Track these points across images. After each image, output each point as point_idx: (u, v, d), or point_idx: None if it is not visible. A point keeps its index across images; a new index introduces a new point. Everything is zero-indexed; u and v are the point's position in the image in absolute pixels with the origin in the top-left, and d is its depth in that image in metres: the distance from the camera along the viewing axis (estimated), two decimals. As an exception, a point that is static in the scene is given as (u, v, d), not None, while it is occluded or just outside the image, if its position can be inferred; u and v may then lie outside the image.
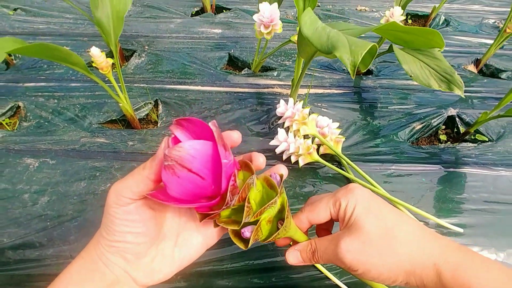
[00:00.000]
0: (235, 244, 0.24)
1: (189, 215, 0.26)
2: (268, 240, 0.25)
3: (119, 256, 0.23)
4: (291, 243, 0.30)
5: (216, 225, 0.24)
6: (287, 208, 0.25)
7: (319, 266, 0.40)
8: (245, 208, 0.21)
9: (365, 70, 0.69)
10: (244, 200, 0.22)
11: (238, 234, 0.24)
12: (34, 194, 0.46)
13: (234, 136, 0.23)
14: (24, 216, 0.44)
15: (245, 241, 0.24)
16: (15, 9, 0.82)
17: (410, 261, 0.23)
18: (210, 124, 0.20)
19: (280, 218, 0.25)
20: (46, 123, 0.56)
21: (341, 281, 0.39)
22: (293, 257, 0.28)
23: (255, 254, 0.41)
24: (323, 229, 0.31)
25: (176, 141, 0.21)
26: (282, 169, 0.26)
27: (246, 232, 0.23)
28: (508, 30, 0.63)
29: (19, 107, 0.59)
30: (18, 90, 0.62)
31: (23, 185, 0.47)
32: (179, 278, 0.40)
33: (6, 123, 0.57)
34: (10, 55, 0.68)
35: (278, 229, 0.25)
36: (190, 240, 0.26)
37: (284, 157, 0.48)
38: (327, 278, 0.40)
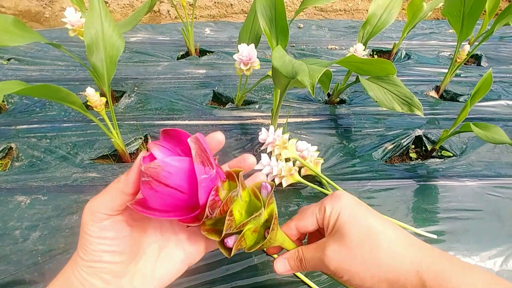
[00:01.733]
0: (221, 251, 0.24)
1: (171, 231, 0.26)
2: (253, 249, 0.25)
3: (97, 277, 0.22)
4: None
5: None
6: (274, 219, 0.24)
7: (308, 281, 0.42)
8: (226, 221, 0.21)
9: (339, 100, 0.76)
10: (226, 212, 0.22)
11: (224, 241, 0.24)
12: (25, 230, 0.47)
13: (218, 137, 0.23)
14: (15, 253, 0.45)
15: (230, 249, 0.24)
16: (8, 59, 0.87)
17: (393, 270, 0.23)
18: (189, 140, 0.20)
19: (267, 227, 0.25)
20: (38, 161, 0.58)
21: (329, 294, 0.41)
22: (281, 265, 0.29)
23: (245, 274, 0.43)
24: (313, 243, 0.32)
25: (153, 158, 0.20)
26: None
27: (229, 241, 0.23)
28: (458, 60, 0.72)
29: (11, 148, 0.61)
30: (11, 132, 0.64)
31: (14, 222, 0.48)
32: (172, 304, 0.40)
33: (-2, 164, 0.59)
34: (3, 100, 0.72)
35: (265, 238, 0.25)
36: (172, 257, 0.25)
37: (269, 179, 0.51)
38: (316, 292, 0.41)
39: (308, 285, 0.42)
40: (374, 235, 0.24)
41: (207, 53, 0.95)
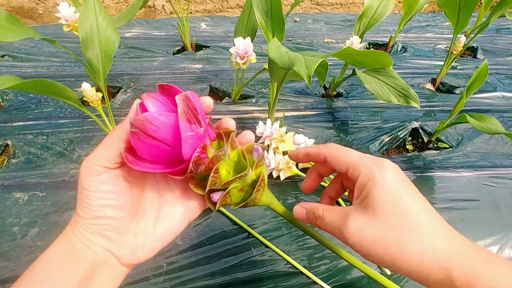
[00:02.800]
0: (208, 204, 0.24)
1: (167, 189, 0.26)
2: (239, 206, 0.25)
3: (99, 235, 0.22)
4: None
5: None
6: (260, 180, 0.25)
7: (307, 272, 0.42)
8: (210, 178, 0.22)
9: (336, 93, 0.76)
10: (211, 169, 0.22)
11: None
12: (24, 226, 0.47)
13: (207, 101, 0.24)
14: (14, 249, 0.45)
15: (216, 203, 0.24)
16: (2, 56, 0.86)
17: (419, 262, 0.21)
18: (177, 97, 0.20)
19: (254, 187, 0.25)
20: (35, 158, 0.58)
21: (328, 284, 0.41)
22: (299, 213, 0.27)
23: (244, 266, 0.43)
24: (329, 196, 0.30)
25: (145, 110, 0.21)
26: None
27: (215, 196, 0.24)
28: (454, 52, 0.73)
29: (7, 145, 0.61)
30: (6, 129, 0.63)
31: (13, 218, 0.48)
32: (172, 297, 0.41)
33: (-6, 162, 0.58)
34: (-2, 97, 0.71)
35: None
36: (172, 214, 0.25)
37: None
38: (314, 282, 0.42)
39: (307, 276, 0.42)
40: (408, 220, 0.22)
41: (203, 48, 0.94)
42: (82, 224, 0.22)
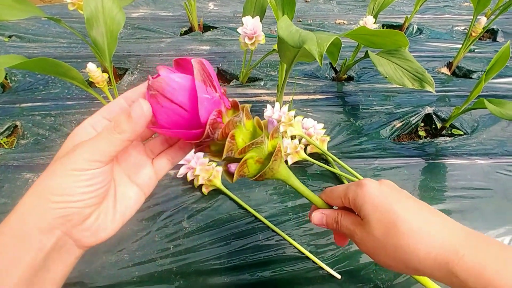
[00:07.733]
0: (226, 177, 0.25)
1: (118, 169, 0.25)
2: (256, 177, 0.25)
3: (63, 219, 0.21)
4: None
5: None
6: (277, 150, 0.25)
7: (313, 257, 0.42)
8: (227, 143, 0.22)
9: (347, 77, 0.74)
10: (227, 136, 0.22)
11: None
12: (34, 206, 0.48)
13: None
14: (24, 228, 0.46)
15: (233, 174, 0.24)
16: (10, 36, 0.86)
17: (418, 261, 0.23)
18: (193, 60, 0.20)
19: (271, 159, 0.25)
20: (43, 139, 0.58)
21: (334, 270, 0.41)
22: (318, 218, 0.30)
23: (250, 251, 0.43)
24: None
25: None
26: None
27: (232, 167, 0.24)
28: (473, 34, 0.69)
29: (16, 126, 0.61)
30: (15, 110, 0.64)
31: (23, 198, 0.49)
32: (178, 278, 0.41)
33: (4, 142, 0.59)
34: (6, 78, 0.71)
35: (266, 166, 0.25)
36: (127, 193, 0.25)
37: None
38: (320, 268, 0.42)
39: (313, 261, 0.42)
40: (396, 225, 0.24)
41: (211, 29, 0.92)
42: (47, 207, 0.20)
